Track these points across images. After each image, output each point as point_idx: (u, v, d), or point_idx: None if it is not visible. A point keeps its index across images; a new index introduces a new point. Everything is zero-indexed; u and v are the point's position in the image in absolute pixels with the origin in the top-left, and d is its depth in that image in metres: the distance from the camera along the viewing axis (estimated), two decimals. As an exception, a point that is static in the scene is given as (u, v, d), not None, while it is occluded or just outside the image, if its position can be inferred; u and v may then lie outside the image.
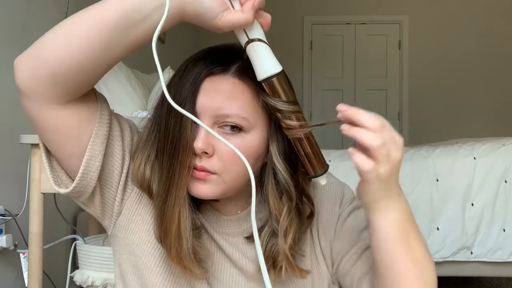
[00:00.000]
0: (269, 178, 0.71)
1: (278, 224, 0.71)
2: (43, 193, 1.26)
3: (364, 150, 0.58)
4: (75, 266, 1.52)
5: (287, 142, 0.69)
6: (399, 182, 0.64)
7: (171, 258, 0.69)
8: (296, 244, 0.73)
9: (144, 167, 0.71)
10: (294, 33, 4.70)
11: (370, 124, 0.57)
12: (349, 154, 0.60)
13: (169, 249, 0.68)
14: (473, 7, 4.54)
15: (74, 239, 1.55)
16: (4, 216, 1.57)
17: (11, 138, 1.57)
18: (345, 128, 0.59)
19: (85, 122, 0.67)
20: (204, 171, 0.67)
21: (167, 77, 0.78)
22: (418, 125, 4.54)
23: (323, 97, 4.70)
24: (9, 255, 1.60)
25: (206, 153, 0.66)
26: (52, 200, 1.51)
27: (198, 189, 0.68)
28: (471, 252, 1.82)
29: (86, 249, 1.45)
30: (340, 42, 4.75)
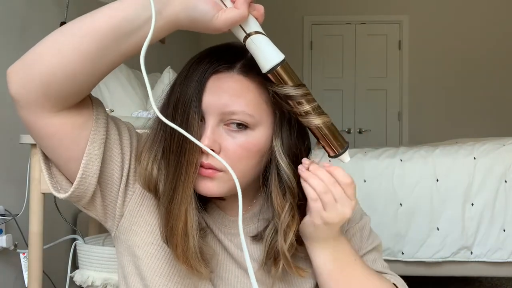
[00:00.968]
0: (273, 175, 0.72)
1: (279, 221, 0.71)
2: (43, 193, 1.26)
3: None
4: (75, 266, 1.52)
5: (291, 138, 0.70)
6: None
7: (177, 257, 0.69)
8: (297, 242, 0.73)
9: (152, 167, 0.71)
10: (294, 33, 4.69)
11: (323, 177, 0.67)
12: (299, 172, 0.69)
13: (175, 248, 0.68)
14: (473, 7, 4.53)
15: (74, 239, 1.55)
16: (4, 216, 1.57)
17: (11, 138, 1.57)
18: (301, 169, 0.68)
19: (81, 128, 0.66)
20: (211, 169, 0.67)
21: (168, 77, 0.79)
22: (418, 125, 4.53)
23: (323, 97, 4.70)
24: (9, 255, 1.60)
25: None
26: (52, 200, 1.51)
27: (205, 187, 0.69)
28: (471, 252, 1.82)
29: (86, 249, 1.45)
30: (340, 42, 4.74)
